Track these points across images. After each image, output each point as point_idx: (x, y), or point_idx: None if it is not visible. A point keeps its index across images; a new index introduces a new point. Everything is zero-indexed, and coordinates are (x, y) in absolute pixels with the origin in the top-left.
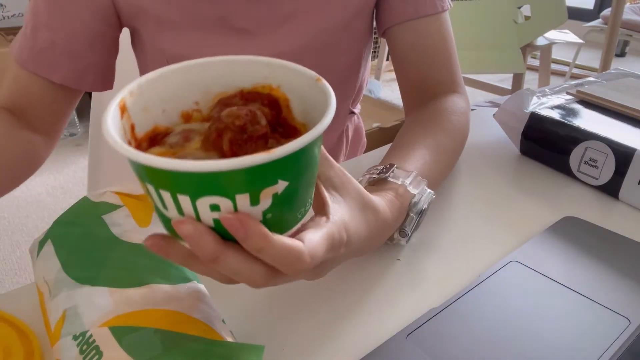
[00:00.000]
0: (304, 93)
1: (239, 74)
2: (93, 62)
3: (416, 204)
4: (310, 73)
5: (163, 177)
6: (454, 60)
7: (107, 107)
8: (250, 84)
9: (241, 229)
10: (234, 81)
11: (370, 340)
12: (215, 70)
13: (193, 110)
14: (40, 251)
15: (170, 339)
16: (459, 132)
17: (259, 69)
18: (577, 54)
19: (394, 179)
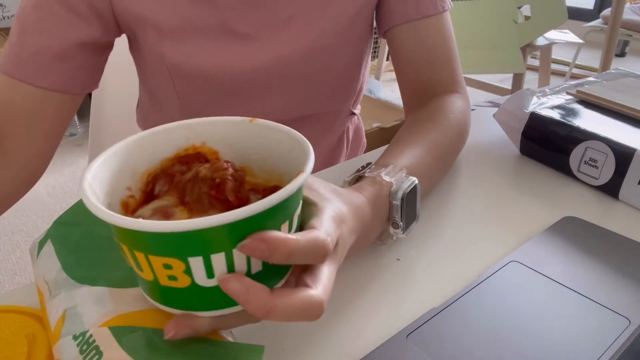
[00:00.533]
0: (236, 138)
1: (162, 145)
2: (84, 64)
3: (396, 191)
4: (235, 119)
5: (195, 239)
6: (454, 60)
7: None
8: (173, 151)
9: (264, 245)
10: (158, 154)
11: (370, 340)
12: (139, 148)
13: (128, 197)
14: (40, 251)
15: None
16: (456, 131)
17: (180, 133)
18: (577, 54)
19: (370, 173)
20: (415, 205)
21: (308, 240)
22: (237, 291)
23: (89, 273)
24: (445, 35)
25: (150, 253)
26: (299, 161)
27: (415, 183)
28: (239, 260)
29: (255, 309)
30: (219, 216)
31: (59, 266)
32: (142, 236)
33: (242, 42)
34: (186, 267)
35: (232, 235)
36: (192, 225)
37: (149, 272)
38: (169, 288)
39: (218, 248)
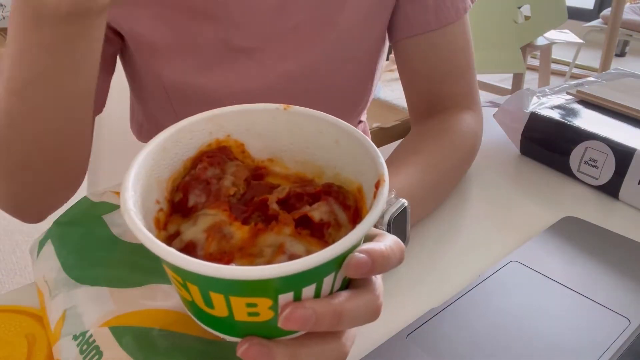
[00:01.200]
0: (265, 127)
1: (183, 144)
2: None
3: (383, 216)
4: (266, 106)
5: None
6: (470, 72)
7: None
8: (195, 149)
9: (369, 261)
10: (180, 155)
11: (370, 340)
12: (162, 153)
13: (158, 212)
14: (40, 251)
15: (170, 338)
16: (461, 153)
17: (202, 127)
18: (577, 54)
19: None
20: (405, 229)
21: (394, 241)
22: (306, 316)
23: (89, 273)
24: (462, 44)
25: (234, 295)
26: (352, 155)
27: (404, 206)
28: (326, 287)
29: (326, 320)
30: (320, 254)
31: (59, 266)
32: (232, 282)
33: (245, 57)
34: (274, 303)
35: (329, 267)
36: (296, 267)
37: (223, 310)
38: (245, 322)
39: (311, 280)
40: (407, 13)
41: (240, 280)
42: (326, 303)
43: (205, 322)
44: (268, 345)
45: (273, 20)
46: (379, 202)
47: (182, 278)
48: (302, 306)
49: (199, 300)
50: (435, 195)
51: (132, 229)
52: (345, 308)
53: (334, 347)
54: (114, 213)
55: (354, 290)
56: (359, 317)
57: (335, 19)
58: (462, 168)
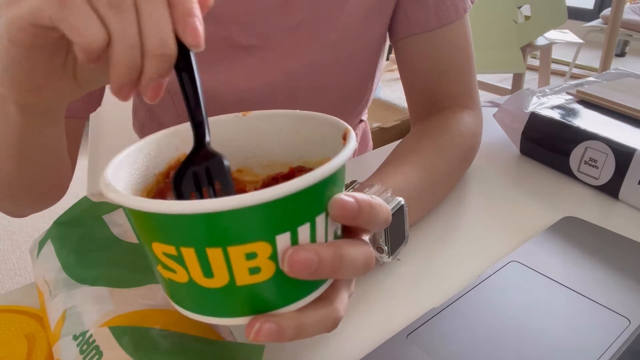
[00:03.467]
0: (228, 137)
1: (153, 157)
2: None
3: None
4: (225, 117)
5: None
6: (469, 72)
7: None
8: (164, 163)
9: (355, 202)
10: (151, 168)
11: (370, 340)
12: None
13: None
14: (40, 251)
15: (170, 338)
16: (459, 153)
17: (168, 141)
18: (577, 54)
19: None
20: (403, 228)
21: (382, 202)
22: (311, 258)
23: (89, 273)
24: (462, 44)
25: (232, 243)
26: (314, 136)
27: (401, 204)
28: (320, 231)
29: (327, 265)
30: (308, 175)
31: (59, 266)
32: (228, 219)
33: (248, 55)
34: (273, 249)
35: (318, 197)
36: (286, 189)
37: (223, 275)
38: (246, 288)
39: (305, 217)
40: (408, 12)
41: (238, 209)
42: (326, 245)
43: (203, 309)
44: (276, 321)
45: (275, 18)
46: (349, 142)
47: (177, 243)
48: (302, 248)
49: (196, 272)
50: (434, 194)
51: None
52: (345, 252)
53: (330, 313)
54: (114, 213)
55: (351, 239)
56: (356, 265)
57: (337, 17)
58: (461, 167)
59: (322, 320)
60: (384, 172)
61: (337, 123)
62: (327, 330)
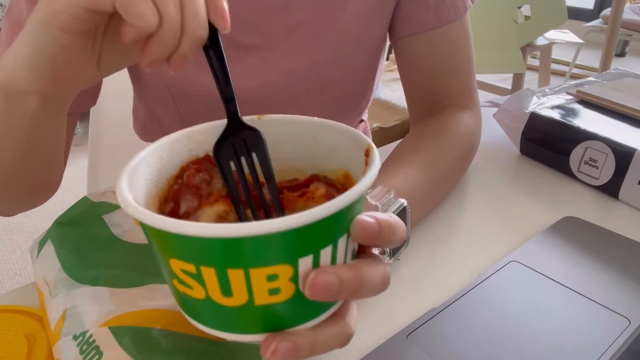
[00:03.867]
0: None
1: (165, 161)
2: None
3: None
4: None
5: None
6: (469, 71)
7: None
8: (176, 167)
9: (376, 225)
10: (163, 172)
11: (370, 340)
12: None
13: None
14: (40, 251)
15: (170, 338)
16: (458, 153)
17: (182, 144)
18: (577, 54)
19: None
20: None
21: (398, 219)
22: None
23: (89, 273)
24: (462, 43)
25: (254, 265)
26: (331, 145)
27: (404, 205)
28: (340, 252)
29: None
30: (336, 201)
31: (59, 266)
32: (252, 244)
33: (248, 55)
34: (294, 271)
35: (343, 220)
36: (314, 216)
37: (242, 294)
38: (264, 307)
39: (328, 240)
40: (408, 11)
41: (261, 235)
42: (347, 267)
43: (217, 324)
44: (292, 340)
45: (276, 18)
46: (373, 162)
47: (197, 263)
48: (324, 270)
49: (214, 290)
50: (434, 194)
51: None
52: (365, 273)
53: (343, 329)
54: (114, 213)
55: (368, 259)
56: (374, 285)
57: (338, 17)
58: (461, 167)
59: (336, 337)
60: (385, 172)
61: (358, 136)
62: (340, 345)
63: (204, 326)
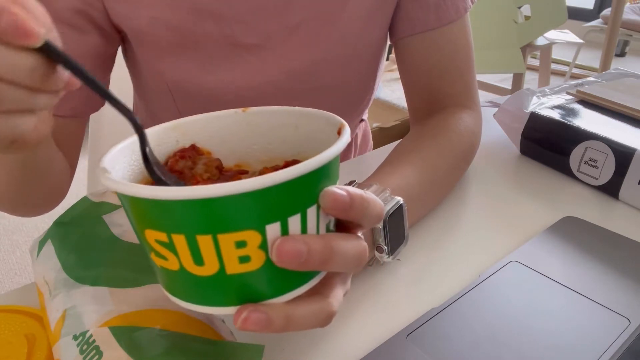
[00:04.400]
0: (228, 132)
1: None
2: None
3: None
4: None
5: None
6: (469, 71)
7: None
8: (163, 157)
9: (347, 195)
10: None
11: (370, 340)
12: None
13: None
14: (40, 251)
15: (170, 338)
16: (458, 152)
17: (168, 136)
18: (577, 54)
19: None
20: (403, 227)
21: (376, 197)
22: (299, 249)
23: (89, 273)
24: (462, 43)
25: (222, 230)
26: (312, 132)
27: (400, 203)
28: (311, 223)
29: (316, 257)
30: (297, 167)
31: (59, 266)
32: (216, 206)
33: (249, 54)
34: (263, 238)
35: (310, 188)
36: (275, 178)
37: (213, 262)
38: (236, 277)
39: (295, 208)
40: (408, 11)
41: (227, 196)
42: (316, 237)
43: (194, 298)
44: (264, 311)
45: (277, 17)
46: (343, 136)
47: (168, 230)
48: (292, 238)
49: (187, 259)
50: (433, 194)
51: (107, 184)
52: (336, 244)
53: (323, 307)
54: (114, 213)
55: (343, 233)
56: (348, 260)
57: (339, 17)
58: (460, 167)
59: (314, 314)
60: (383, 172)
61: (333, 119)
62: (320, 324)
63: (182, 301)
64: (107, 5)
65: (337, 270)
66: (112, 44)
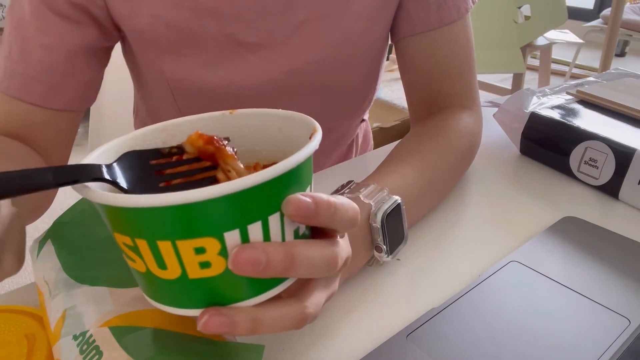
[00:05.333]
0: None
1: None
2: (91, 78)
3: (375, 213)
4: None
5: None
6: (470, 71)
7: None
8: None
9: (311, 201)
10: None
11: (370, 340)
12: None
13: None
14: (40, 251)
15: (170, 339)
16: (458, 153)
17: (155, 137)
18: (577, 54)
19: (351, 194)
20: (401, 226)
21: (346, 201)
22: (257, 256)
23: (89, 273)
24: (463, 44)
25: (180, 237)
26: (295, 136)
27: (397, 202)
28: (275, 230)
29: (276, 264)
30: (256, 175)
31: (59, 266)
32: (171, 214)
33: (250, 53)
34: (222, 246)
35: (270, 196)
36: (229, 188)
37: (175, 267)
38: (199, 281)
39: (255, 215)
40: (409, 11)
41: (181, 205)
42: (277, 244)
43: (163, 299)
44: (228, 314)
45: (279, 16)
46: (314, 139)
47: (131, 235)
48: (250, 246)
49: (151, 263)
50: (432, 194)
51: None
52: (299, 252)
53: (296, 310)
54: None
55: (309, 239)
56: (315, 266)
57: (341, 16)
58: (460, 167)
59: (285, 317)
60: (382, 172)
61: (309, 123)
62: (294, 327)
63: (153, 301)
64: (109, 3)
65: (305, 277)
66: (110, 39)
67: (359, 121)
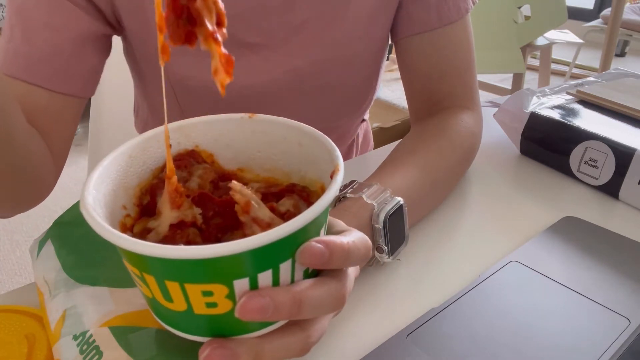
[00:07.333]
0: (233, 137)
1: (152, 153)
2: (97, 65)
3: (378, 213)
4: (232, 116)
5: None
6: (469, 71)
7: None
8: (163, 159)
9: (324, 247)
10: (149, 164)
11: (370, 340)
12: (129, 160)
13: (125, 217)
14: (40, 251)
15: (170, 338)
16: (458, 153)
17: (170, 137)
18: (577, 54)
19: (353, 194)
20: (403, 227)
21: (359, 237)
22: (263, 304)
23: (89, 273)
24: (463, 44)
25: (188, 281)
26: (315, 155)
27: (400, 203)
28: (284, 276)
29: (285, 308)
30: (272, 232)
31: (59, 266)
32: (183, 264)
33: (251, 53)
34: (230, 291)
35: (285, 247)
36: (244, 245)
37: (181, 303)
38: (205, 316)
39: (267, 265)
40: (410, 11)
41: (188, 260)
42: (284, 291)
43: (168, 322)
44: (230, 347)
45: (280, 16)
46: (332, 187)
47: (139, 269)
48: (258, 294)
49: (157, 294)
50: (433, 195)
51: (88, 221)
52: (306, 296)
53: (299, 339)
54: None
55: (317, 279)
56: (322, 306)
57: (342, 16)
58: (461, 168)
59: (288, 346)
60: (384, 172)
61: (332, 152)
62: (297, 355)
63: (159, 320)
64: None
65: (311, 317)
66: (110, 27)
67: (359, 121)
